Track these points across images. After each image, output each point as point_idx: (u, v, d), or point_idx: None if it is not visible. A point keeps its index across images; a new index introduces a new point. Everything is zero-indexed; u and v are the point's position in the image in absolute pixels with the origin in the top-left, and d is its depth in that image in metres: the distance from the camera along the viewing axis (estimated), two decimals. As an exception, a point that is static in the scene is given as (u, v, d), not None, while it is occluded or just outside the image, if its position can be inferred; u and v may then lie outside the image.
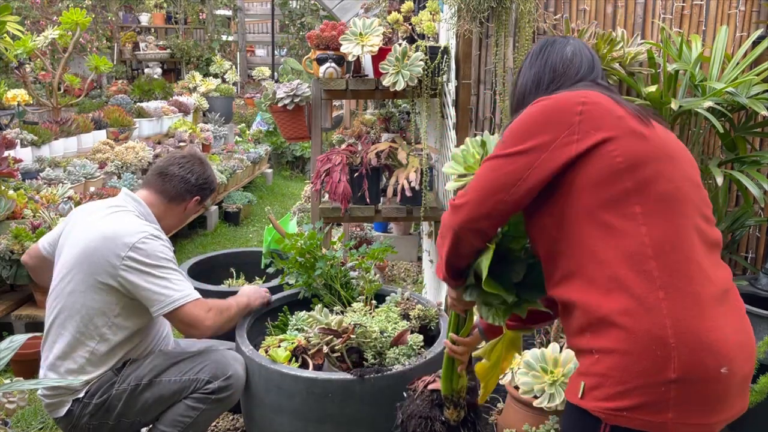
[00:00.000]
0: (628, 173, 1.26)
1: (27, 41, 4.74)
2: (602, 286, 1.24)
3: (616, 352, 1.21)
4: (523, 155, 1.30)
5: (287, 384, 1.95)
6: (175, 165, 2.22)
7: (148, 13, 9.55)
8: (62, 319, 2.05)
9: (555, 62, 1.50)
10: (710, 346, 1.20)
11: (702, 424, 1.22)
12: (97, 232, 2.05)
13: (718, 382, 1.21)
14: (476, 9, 2.59)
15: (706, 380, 1.20)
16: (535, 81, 1.50)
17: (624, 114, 1.31)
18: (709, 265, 1.29)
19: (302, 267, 2.45)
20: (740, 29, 2.75)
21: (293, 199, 6.74)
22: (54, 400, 2.05)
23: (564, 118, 1.29)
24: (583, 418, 1.26)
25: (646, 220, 1.25)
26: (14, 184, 3.80)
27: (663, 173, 1.28)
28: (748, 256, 2.88)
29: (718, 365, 1.20)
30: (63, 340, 2.04)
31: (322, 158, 2.93)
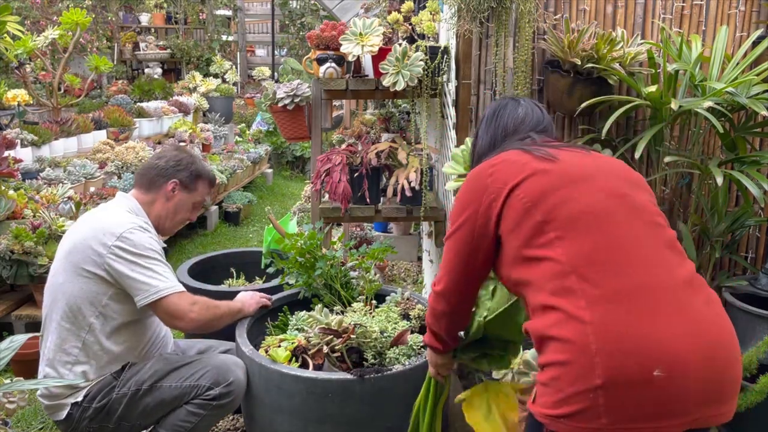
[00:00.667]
0: (534, 208, 1.39)
1: (27, 41, 4.74)
2: (539, 310, 1.35)
3: (555, 363, 1.28)
4: (463, 227, 1.49)
5: (287, 384, 1.95)
6: (151, 158, 2.31)
7: (148, 13, 9.55)
8: (52, 311, 2.07)
9: (507, 123, 1.67)
10: (635, 350, 1.21)
11: (642, 428, 1.21)
12: (86, 225, 2.11)
13: (650, 384, 1.20)
14: (476, 9, 2.59)
15: (633, 384, 1.20)
16: (491, 142, 1.66)
17: (529, 159, 1.47)
18: (656, 266, 1.31)
19: (302, 267, 2.45)
20: (740, 29, 2.75)
21: (293, 199, 6.74)
22: (53, 402, 2.05)
23: (480, 185, 1.48)
24: (533, 423, 1.33)
25: (561, 242, 1.34)
26: (14, 184, 3.80)
27: (570, 196, 1.39)
28: (748, 256, 2.88)
29: (645, 368, 1.20)
30: (55, 331, 2.05)
31: (322, 158, 2.93)
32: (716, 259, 2.75)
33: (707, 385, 1.24)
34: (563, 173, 1.43)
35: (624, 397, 1.20)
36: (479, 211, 1.46)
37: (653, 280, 1.29)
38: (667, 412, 1.21)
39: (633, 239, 1.34)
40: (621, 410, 1.20)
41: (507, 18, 2.63)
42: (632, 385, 1.20)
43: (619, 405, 1.20)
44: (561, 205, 1.38)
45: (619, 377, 1.20)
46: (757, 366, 2.29)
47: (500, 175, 1.46)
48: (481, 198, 1.46)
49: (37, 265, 3.08)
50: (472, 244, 1.48)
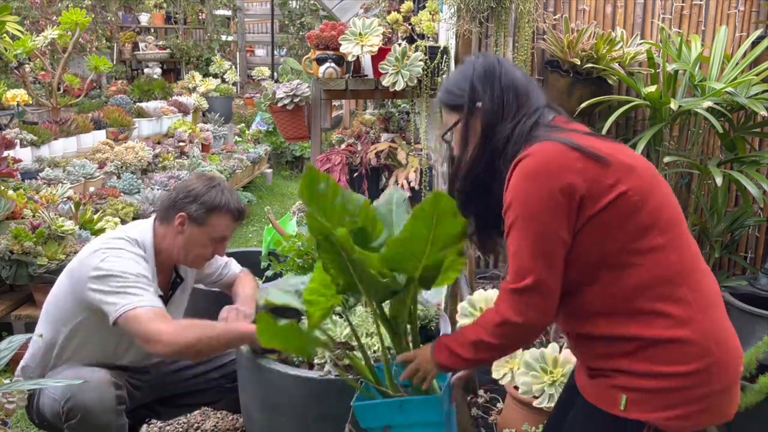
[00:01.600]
0: (642, 210, 1.31)
1: (27, 41, 4.74)
2: (637, 314, 1.32)
3: (673, 368, 1.30)
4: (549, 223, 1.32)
5: (287, 384, 1.95)
6: (172, 189, 2.15)
7: (147, 13, 9.53)
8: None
9: (517, 85, 1.44)
10: (735, 355, 1.35)
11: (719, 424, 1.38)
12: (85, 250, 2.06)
13: (737, 386, 1.36)
14: (476, 9, 2.59)
15: (734, 385, 1.35)
16: (504, 112, 1.42)
17: (611, 150, 1.35)
18: (710, 273, 1.42)
19: (301, 269, 2.45)
20: (740, 29, 2.75)
21: (293, 199, 6.74)
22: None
23: (568, 179, 1.30)
24: (623, 427, 1.33)
25: (665, 247, 1.32)
26: (14, 184, 3.80)
27: (663, 198, 1.37)
28: (748, 256, 2.88)
29: (739, 372, 1.35)
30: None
31: (322, 158, 2.93)
32: (716, 259, 2.75)
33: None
34: (643, 170, 1.37)
35: (728, 397, 1.34)
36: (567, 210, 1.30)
37: (716, 287, 1.41)
38: (733, 413, 1.37)
39: (695, 244, 1.42)
40: (722, 410, 1.34)
41: (506, 18, 2.63)
42: (733, 386, 1.35)
43: (724, 405, 1.34)
44: (661, 208, 1.34)
45: (730, 381, 1.33)
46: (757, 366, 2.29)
47: (592, 171, 1.30)
48: (566, 212, 1.30)
49: (36, 265, 3.08)
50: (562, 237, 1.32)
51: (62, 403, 1.88)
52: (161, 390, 2.23)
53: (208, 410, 2.66)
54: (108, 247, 1.97)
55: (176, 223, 2.01)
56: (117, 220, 3.76)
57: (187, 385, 2.27)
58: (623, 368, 1.33)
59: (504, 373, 2.19)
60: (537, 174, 1.31)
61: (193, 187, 2.02)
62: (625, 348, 1.33)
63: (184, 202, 2.00)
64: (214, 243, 2.06)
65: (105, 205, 4.00)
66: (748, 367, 2.29)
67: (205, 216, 2.00)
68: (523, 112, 1.42)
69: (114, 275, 1.89)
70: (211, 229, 2.02)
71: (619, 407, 1.33)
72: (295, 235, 2.54)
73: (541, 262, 1.31)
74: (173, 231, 2.02)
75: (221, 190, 2.03)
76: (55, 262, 3.11)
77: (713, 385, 1.30)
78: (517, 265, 1.33)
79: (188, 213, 2.00)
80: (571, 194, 1.29)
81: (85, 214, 3.52)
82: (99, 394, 1.89)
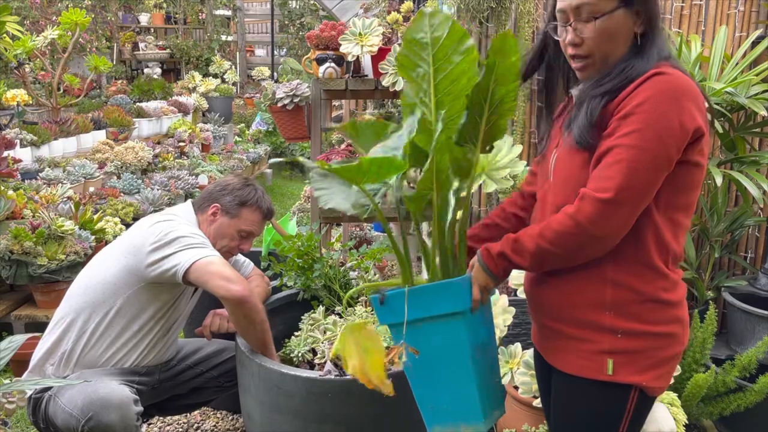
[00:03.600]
0: (698, 189, 1.36)
1: (26, 41, 4.74)
2: (671, 263, 1.37)
3: (652, 334, 1.35)
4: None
5: (287, 384, 1.95)
6: (212, 183, 2.30)
7: (147, 13, 9.54)
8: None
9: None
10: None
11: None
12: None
13: None
14: (476, 9, 2.59)
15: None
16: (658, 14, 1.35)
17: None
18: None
19: (300, 269, 2.45)
20: (739, 29, 2.75)
21: (293, 199, 6.74)
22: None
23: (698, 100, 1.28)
24: (611, 392, 1.36)
25: (686, 226, 1.38)
26: (14, 184, 3.80)
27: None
28: (748, 256, 2.88)
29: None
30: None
31: (322, 158, 2.93)
32: (715, 259, 2.75)
33: None
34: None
35: (678, 360, 1.43)
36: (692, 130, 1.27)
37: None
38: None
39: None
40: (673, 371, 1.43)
41: (506, 18, 2.63)
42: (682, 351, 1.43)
43: (676, 366, 1.44)
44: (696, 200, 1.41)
45: (686, 344, 1.43)
46: (756, 366, 2.29)
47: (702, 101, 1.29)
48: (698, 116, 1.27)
49: (36, 265, 3.08)
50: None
51: (82, 422, 1.86)
52: (163, 391, 2.23)
53: (208, 410, 2.66)
54: (163, 219, 2.06)
55: (209, 212, 2.16)
56: (117, 220, 3.76)
57: (187, 385, 2.27)
58: (606, 325, 1.33)
59: (504, 373, 2.19)
60: (682, 97, 1.25)
61: (229, 182, 2.20)
62: (620, 297, 1.32)
63: (220, 194, 2.17)
64: (241, 237, 2.19)
65: (105, 205, 4.00)
66: (748, 367, 2.29)
67: (237, 208, 2.15)
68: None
69: (177, 237, 1.99)
70: (241, 221, 2.16)
71: (606, 372, 1.33)
72: (295, 235, 2.54)
73: (644, 183, 1.25)
74: (206, 221, 2.16)
75: (255, 189, 2.21)
76: (55, 262, 3.11)
77: (681, 347, 1.38)
78: (617, 175, 1.23)
79: (222, 204, 2.15)
80: (694, 133, 1.27)
81: (85, 214, 3.52)
82: (122, 413, 1.87)
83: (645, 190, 1.25)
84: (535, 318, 1.52)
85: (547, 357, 1.46)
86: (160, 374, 2.21)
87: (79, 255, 3.18)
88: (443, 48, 1.38)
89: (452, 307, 1.36)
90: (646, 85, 1.26)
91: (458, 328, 1.36)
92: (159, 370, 2.21)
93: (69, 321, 2.05)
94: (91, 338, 2.04)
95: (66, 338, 2.05)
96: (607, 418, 1.37)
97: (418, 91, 1.43)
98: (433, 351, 1.39)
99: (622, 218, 1.25)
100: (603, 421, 1.38)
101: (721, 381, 2.29)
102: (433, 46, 1.38)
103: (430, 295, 1.38)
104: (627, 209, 1.25)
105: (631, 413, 1.35)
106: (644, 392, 1.35)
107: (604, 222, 1.25)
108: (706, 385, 2.20)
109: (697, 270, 2.74)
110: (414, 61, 1.41)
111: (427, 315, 1.38)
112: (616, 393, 1.34)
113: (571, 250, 1.30)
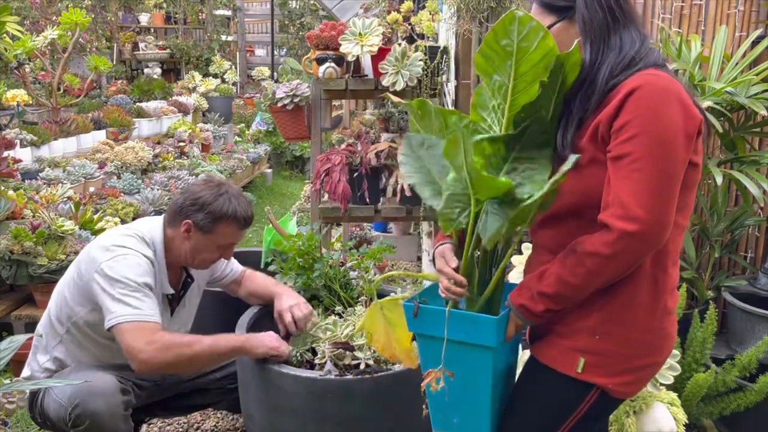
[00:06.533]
0: (694, 189, 1.35)
1: (26, 41, 4.74)
2: (670, 267, 1.36)
3: (630, 340, 1.36)
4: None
5: (287, 384, 1.95)
6: (185, 188, 2.16)
7: (147, 13, 9.54)
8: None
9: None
10: (674, 336, 1.45)
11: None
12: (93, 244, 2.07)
13: None
14: (476, 9, 2.59)
15: (664, 360, 1.46)
16: (605, 15, 1.32)
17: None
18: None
19: (301, 268, 2.45)
20: (739, 29, 2.75)
21: (293, 199, 6.74)
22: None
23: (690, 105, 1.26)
24: (574, 387, 1.37)
25: (683, 228, 1.36)
26: (14, 184, 3.80)
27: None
28: (748, 256, 2.88)
29: (672, 349, 1.46)
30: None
31: (322, 158, 2.93)
32: (715, 259, 2.75)
33: None
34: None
35: (656, 371, 1.44)
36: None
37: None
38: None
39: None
40: (647, 380, 1.45)
41: (506, 18, 2.63)
42: (662, 362, 1.44)
43: (651, 376, 1.44)
44: (693, 201, 1.39)
45: (665, 356, 1.43)
46: (756, 366, 2.29)
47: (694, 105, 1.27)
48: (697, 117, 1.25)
49: (36, 265, 3.08)
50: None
51: (69, 410, 1.87)
52: (164, 390, 2.23)
53: (208, 410, 2.66)
54: (117, 244, 1.98)
55: (182, 229, 2.02)
56: (117, 220, 3.76)
57: (189, 385, 2.27)
58: (589, 325, 1.34)
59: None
60: (677, 101, 1.23)
61: (200, 195, 2.00)
62: (610, 300, 1.32)
63: (191, 210, 2.00)
64: (221, 249, 2.08)
65: (105, 205, 4.00)
66: (748, 367, 2.29)
67: (212, 225, 2.01)
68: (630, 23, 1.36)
69: (117, 280, 1.91)
70: (218, 237, 2.03)
71: (576, 369, 1.35)
72: (295, 235, 2.54)
73: (667, 204, 1.22)
74: (179, 236, 2.04)
75: (228, 198, 2.02)
76: (55, 262, 3.11)
77: (659, 357, 1.38)
78: (637, 200, 1.20)
79: (194, 221, 2.00)
80: (697, 134, 1.25)
81: (85, 214, 3.52)
82: (107, 400, 1.89)
83: (667, 209, 1.24)
84: None
85: (531, 349, 1.49)
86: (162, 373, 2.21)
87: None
88: (528, 62, 1.25)
89: (487, 341, 1.37)
90: (627, 104, 1.25)
91: (486, 359, 1.38)
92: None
93: (53, 329, 2.07)
94: (79, 346, 2.06)
95: (51, 344, 2.07)
96: (558, 408, 1.40)
97: (492, 97, 1.33)
98: (456, 372, 1.41)
99: (645, 246, 1.25)
100: (553, 409, 1.40)
101: (721, 381, 2.29)
102: (517, 59, 1.25)
103: (468, 323, 1.38)
104: (650, 236, 1.23)
105: (583, 411, 1.37)
106: (607, 394, 1.36)
107: (631, 253, 1.25)
108: (706, 384, 2.20)
109: (697, 270, 2.74)
110: (493, 67, 1.29)
111: (457, 339, 1.39)
112: (577, 389, 1.37)
113: (609, 279, 1.29)
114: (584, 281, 1.27)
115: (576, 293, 1.30)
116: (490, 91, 1.32)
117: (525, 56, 1.24)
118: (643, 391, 1.96)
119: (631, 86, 1.24)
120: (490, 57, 1.28)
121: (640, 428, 1.94)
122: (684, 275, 2.66)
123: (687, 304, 2.48)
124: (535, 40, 1.23)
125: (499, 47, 1.26)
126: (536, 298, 1.33)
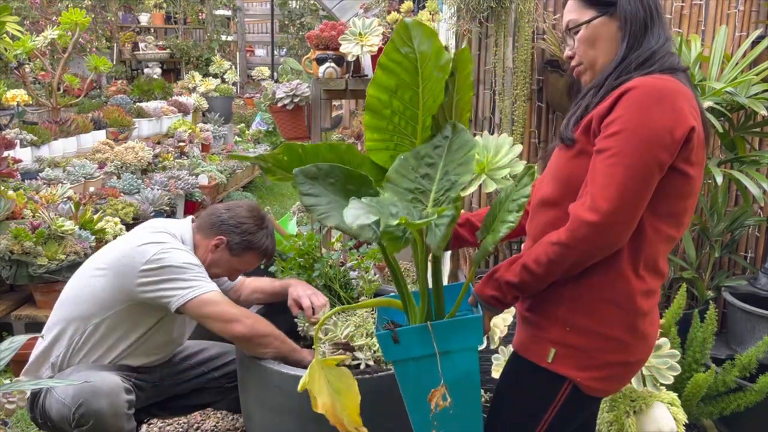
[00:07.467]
0: (693, 197, 1.35)
1: (26, 41, 4.74)
2: (651, 271, 1.37)
3: (600, 335, 1.38)
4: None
5: (287, 384, 1.95)
6: (228, 203, 2.20)
7: (147, 13, 9.54)
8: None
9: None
10: (655, 337, 1.47)
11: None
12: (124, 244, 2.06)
13: None
14: (476, 9, 2.59)
15: (643, 361, 1.47)
16: (654, 17, 1.36)
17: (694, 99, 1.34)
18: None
19: (301, 268, 2.45)
20: (739, 29, 2.75)
21: (293, 199, 6.74)
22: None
23: (686, 106, 1.29)
24: (545, 378, 1.39)
25: (677, 239, 1.39)
26: (14, 184, 3.80)
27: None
28: (748, 256, 2.88)
29: (651, 351, 1.50)
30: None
31: (322, 158, 2.93)
32: (716, 259, 2.75)
33: None
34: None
35: (633, 371, 1.44)
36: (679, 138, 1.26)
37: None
38: (623, 387, 1.62)
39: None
40: (623, 381, 1.45)
41: (506, 18, 2.63)
42: (641, 363, 1.44)
43: (627, 377, 1.45)
44: (692, 207, 1.38)
45: (644, 357, 1.44)
46: (756, 365, 2.29)
47: (691, 112, 1.29)
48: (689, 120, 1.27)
49: (36, 265, 3.08)
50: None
51: (73, 409, 1.87)
52: (164, 390, 2.23)
53: (208, 410, 2.66)
54: (156, 241, 2.00)
55: (213, 243, 2.10)
56: (117, 220, 3.76)
57: (188, 385, 2.27)
58: (560, 315, 1.36)
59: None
60: (669, 104, 1.26)
61: (244, 221, 2.11)
62: (577, 292, 1.35)
63: (231, 229, 2.09)
64: (235, 271, 2.18)
65: (105, 205, 4.00)
66: (748, 367, 2.29)
67: (242, 251, 2.11)
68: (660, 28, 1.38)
69: (168, 267, 1.93)
70: (241, 262, 2.14)
71: (547, 359, 1.37)
72: (295, 235, 2.54)
73: (632, 201, 1.24)
74: (206, 247, 2.10)
75: (266, 234, 2.14)
76: (55, 262, 3.11)
77: (632, 357, 1.38)
78: (603, 192, 1.24)
79: (229, 240, 2.09)
80: (686, 141, 1.27)
81: (85, 214, 3.52)
82: (111, 400, 1.89)
83: (634, 208, 1.26)
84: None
85: (513, 342, 1.52)
86: (162, 371, 2.21)
87: (79, 255, 3.18)
88: (429, 65, 1.30)
89: (471, 342, 1.38)
90: (620, 103, 1.28)
91: (472, 360, 1.39)
92: (160, 367, 2.21)
93: (60, 329, 2.06)
94: (83, 347, 2.05)
95: (58, 345, 2.06)
96: (535, 403, 1.42)
97: (401, 110, 1.37)
98: (446, 382, 1.40)
99: (610, 238, 1.27)
100: (531, 404, 1.42)
101: (721, 381, 2.29)
102: (421, 63, 1.29)
103: (450, 331, 1.38)
104: (616, 228, 1.26)
105: (559, 405, 1.39)
106: (579, 389, 1.37)
107: (594, 243, 1.28)
108: (706, 384, 2.20)
109: (697, 270, 2.74)
110: (396, 79, 1.32)
111: (445, 350, 1.38)
112: (550, 381, 1.38)
113: (569, 269, 1.32)
114: (545, 270, 1.32)
115: (538, 282, 1.34)
116: (395, 106, 1.35)
117: (427, 61, 1.29)
118: (643, 391, 1.96)
119: (630, 85, 1.28)
120: (392, 69, 1.31)
121: (640, 428, 1.94)
122: (684, 275, 2.66)
123: (687, 304, 2.48)
124: (429, 42, 1.28)
125: (401, 56, 1.30)
126: (504, 288, 1.38)
